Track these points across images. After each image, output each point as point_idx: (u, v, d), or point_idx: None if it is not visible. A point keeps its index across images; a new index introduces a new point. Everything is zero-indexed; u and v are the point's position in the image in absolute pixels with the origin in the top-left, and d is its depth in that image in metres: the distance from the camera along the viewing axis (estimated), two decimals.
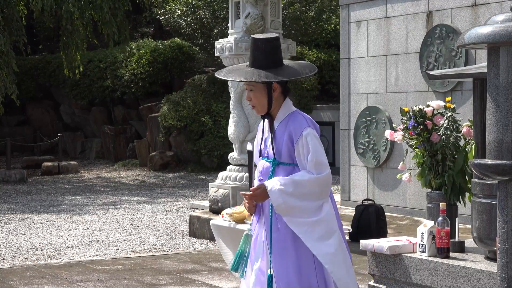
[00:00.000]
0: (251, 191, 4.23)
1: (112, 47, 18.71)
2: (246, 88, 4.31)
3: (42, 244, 9.93)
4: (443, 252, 5.67)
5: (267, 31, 10.15)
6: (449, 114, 6.30)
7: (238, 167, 10.18)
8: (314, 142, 4.17)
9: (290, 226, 4.16)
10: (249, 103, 4.32)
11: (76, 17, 17.27)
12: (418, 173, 6.41)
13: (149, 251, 9.39)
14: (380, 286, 6.05)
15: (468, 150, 6.19)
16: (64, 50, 18.09)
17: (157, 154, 19.70)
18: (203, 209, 11.33)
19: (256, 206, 4.32)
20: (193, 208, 12.60)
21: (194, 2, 19.49)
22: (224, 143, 17.35)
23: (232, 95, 10.24)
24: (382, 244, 5.97)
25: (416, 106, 6.40)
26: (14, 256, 9.18)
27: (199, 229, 10.16)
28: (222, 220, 6.88)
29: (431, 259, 5.67)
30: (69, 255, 9.18)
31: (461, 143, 6.34)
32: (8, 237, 10.51)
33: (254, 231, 4.36)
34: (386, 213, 9.88)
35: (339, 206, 11.37)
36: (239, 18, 10.30)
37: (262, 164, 4.35)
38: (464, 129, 6.28)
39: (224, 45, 10.24)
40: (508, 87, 3.78)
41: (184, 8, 19.63)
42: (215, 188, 10.26)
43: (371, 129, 11.25)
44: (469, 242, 6.02)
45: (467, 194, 6.30)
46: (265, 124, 4.36)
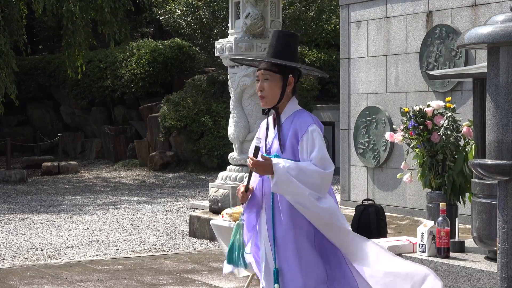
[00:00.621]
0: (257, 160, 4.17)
1: (113, 47, 18.69)
2: (259, 79, 4.27)
3: (42, 244, 9.93)
4: (443, 252, 5.68)
5: (267, 32, 10.15)
6: (449, 114, 6.30)
7: (238, 167, 10.18)
8: (320, 139, 4.18)
9: (291, 198, 4.13)
10: (259, 94, 4.27)
11: (77, 17, 17.26)
12: (420, 174, 6.41)
13: (149, 251, 9.39)
14: None
15: (468, 150, 6.19)
16: (67, 50, 18.05)
17: (157, 154, 19.70)
18: (203, 209, 11.33)
19: (252, 199, 4.30)
20: (193, 208, 12.60)
21: (194, 2, 19.49)
22: (224, 143, 17.34)
23: (232, 95, 10.24)
24: (382, 244, 5.96)
25: (416, 106, 6.40)
26: (14, 256, 9.18)
27: (199, 229, 10.16)
28: (222, 220, 6.89)
29: (431, 259, 5.67)
30: (69, 255, 9.18)
31: (461, 143, 6.34)
32: (8, 237, 10.51)
33: (257, 226, 4.34)
34: (386, 213, 9.86)
35: (339, 206, 11.35)
36: (239, 18, 10.30)
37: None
38: (464, 129, 6.28)
39: (224, 45, 10.23)
40: (508, 87, 3.78)
41: (184, 8, 19.62)
42: (215, 188, 10.26)
43: (371, 129, 11.25)
44: (469, 242, 6.02)
45: (467, 194, 6.30)
46: (270, 120, 4.36)
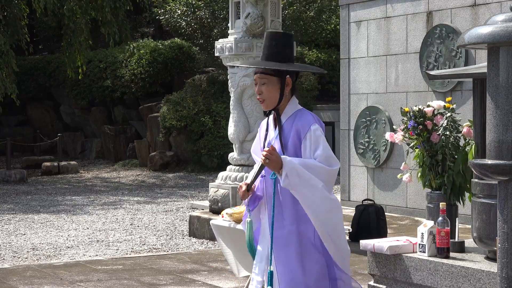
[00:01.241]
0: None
1: (113, 47, 18.68)
2: (256, 82, 4.27)
3: (42, 244, 9.93)
4: (443, 252, 5.67)
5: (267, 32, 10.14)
6: (449, 114, 6.29)
7: (238, 167, 10.18)
8: (323, 138, 4.18)
9: (297, 191, 4.12)
10: (258, 97, 4.26)
11: (78, 16, 17.25)
12: (420, 174, 6.41)
13: (149, 251, 9.39)
14: (380, 286, 6.05)
15: (468, 150, 6.19)
16: (67, 50, 18.04)
17: (157, 154, 19.70)
18: (203, 209, 11.33)
19: (254, 197, 4.30)
20: (193, 208, 12.60)
21: (194, 2, 19.49)
22: (224, 143, 17.34)
23: (232, 95, 10.23)
24: (382, 244, 5.96)
25: (416, 106, 6.39)
26: (14, 256, 9.17)
27: (199, 229, 10.16)
28: (222, 220, 6.87)
29: (431, 259, 5.66)
30: (69, 255, 9.18)
31: (461, 143, 6.34)
32: (8, 237, 10.51)
33: (259, 223, 4.34)
34: (386, 213, 9.88)
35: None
36: (239, 18, 10.30)
37: None
38: (464, 129, 6.28)
39: (224, 45, 10.23)
40: (508, 87, 3.78)
41: (184, 8, 19.63)
42: (215, 188, 10.26)
43: (371, 129, 11.25)
44: (469, 242, 6.02)
45: (467, 194, 6.29)
46: (270, 121, 4.35)
